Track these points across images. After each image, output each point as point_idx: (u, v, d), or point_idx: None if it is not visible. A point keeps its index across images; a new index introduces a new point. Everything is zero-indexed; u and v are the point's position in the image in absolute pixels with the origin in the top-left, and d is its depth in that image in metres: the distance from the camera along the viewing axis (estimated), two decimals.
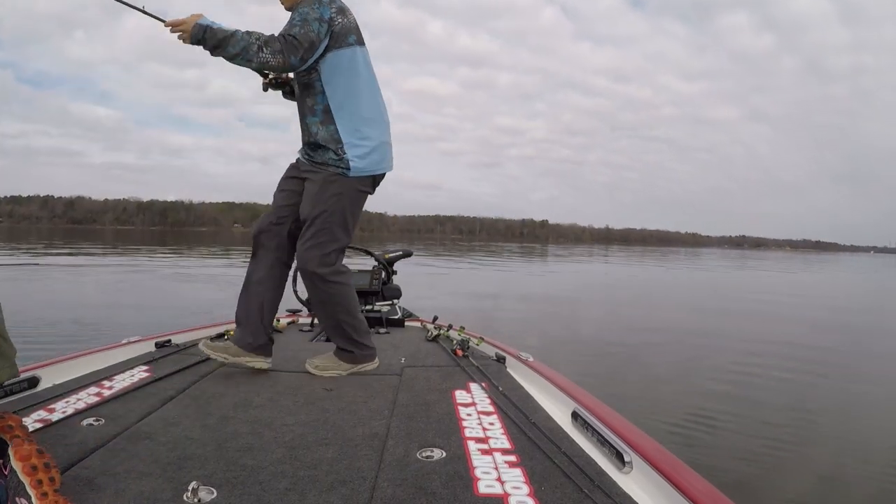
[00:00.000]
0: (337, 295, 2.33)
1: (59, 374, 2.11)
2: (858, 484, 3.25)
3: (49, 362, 2.13)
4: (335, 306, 2.34)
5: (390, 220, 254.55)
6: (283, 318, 3.58)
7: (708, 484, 1.26)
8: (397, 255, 3.78)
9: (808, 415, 4.55)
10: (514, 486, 1.30)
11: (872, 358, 7.37)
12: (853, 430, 4.20)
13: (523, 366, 2.37)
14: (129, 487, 1.26)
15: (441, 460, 1.45)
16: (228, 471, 1.37)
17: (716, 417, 4.25)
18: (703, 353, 6.94)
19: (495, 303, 11.05)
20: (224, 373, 2.27)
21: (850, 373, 6.33)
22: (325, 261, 2.28)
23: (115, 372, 2.19)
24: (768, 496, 2.99)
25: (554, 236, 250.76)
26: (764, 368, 6.14)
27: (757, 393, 5.09)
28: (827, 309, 13.56)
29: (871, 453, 3.71)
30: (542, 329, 8.14)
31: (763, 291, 17.58)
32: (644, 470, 1.37)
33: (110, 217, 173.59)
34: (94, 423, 1.65)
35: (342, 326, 2.35)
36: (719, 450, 3.57)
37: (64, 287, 11.44)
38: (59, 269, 15.52)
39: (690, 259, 46.20)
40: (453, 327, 3.13)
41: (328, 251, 2.29)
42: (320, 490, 1.28)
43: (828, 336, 8.92)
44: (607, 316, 10.24)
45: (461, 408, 1.88)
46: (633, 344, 7.31)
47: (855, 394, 5.35)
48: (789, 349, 7.34)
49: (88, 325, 6.89)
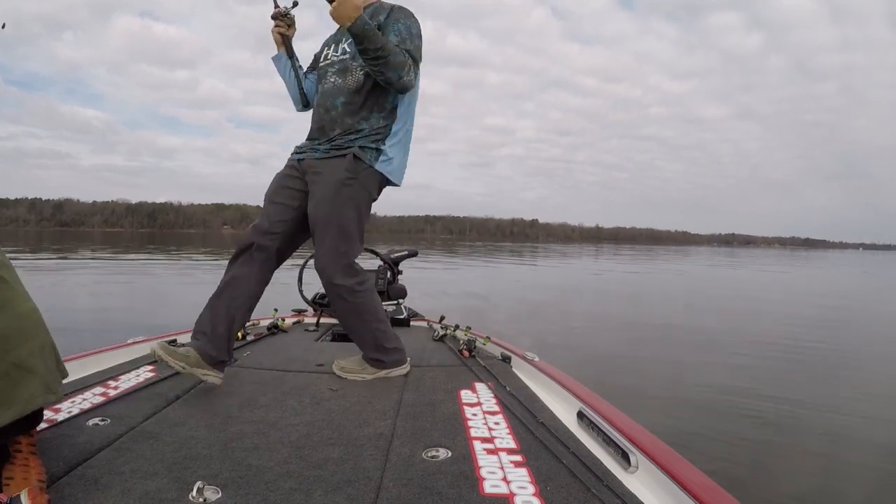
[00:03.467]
0: (365, 303, 2.25)
1: None
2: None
3: None
4: (365, 315, 2.25)
5: (380, 221, 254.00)
6: (288, 317, 3.57)
7: (714, 484, 1.27)
8: (403, 254, 3.77)
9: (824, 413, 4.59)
10: (519, 486, 1.30)
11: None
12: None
13: (529, 366, 2.37)
14: (135, 487, 1.26)
15: (446, 460, 1.45)
16: (234, 470, 1.36)
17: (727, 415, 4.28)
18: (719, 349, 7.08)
19: (485, 303, 11.06)
20: (229, 372, 2.26)
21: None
22: (350, 271, 2.19)
23: (120, 372, 2.18)
24: (771, 495, 3.00)
25: (544, 235, 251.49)
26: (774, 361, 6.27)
27: (765, 386, 5.13)
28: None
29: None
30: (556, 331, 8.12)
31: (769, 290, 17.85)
32: (650, 470, 1.38)
33: (98, 219, 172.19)
34: (100, 423, 1.64)
35: (374, 335, 2.26)
36: (722, 448, 3.59)
37: (64, 287, 11.31)
38: (59, 268, 15.39)
39: (682, 256, 46.50)
40: (460, 327, 3.13)
41: (352, 259, 2.20)
42: (326, 490, 1.28)
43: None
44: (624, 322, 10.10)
45: (467, 407, 1.89)
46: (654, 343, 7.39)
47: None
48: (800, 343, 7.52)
49: (92, 326, 6.83)
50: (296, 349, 2.77)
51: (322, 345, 2.90)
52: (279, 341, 2.98)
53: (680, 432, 3.70)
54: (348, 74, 2.20)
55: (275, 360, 2.54)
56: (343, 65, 2.23)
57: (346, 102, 2.19)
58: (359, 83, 2.18)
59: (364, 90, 2.18)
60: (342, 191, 2.15)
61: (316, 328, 3.38)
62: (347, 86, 2.20)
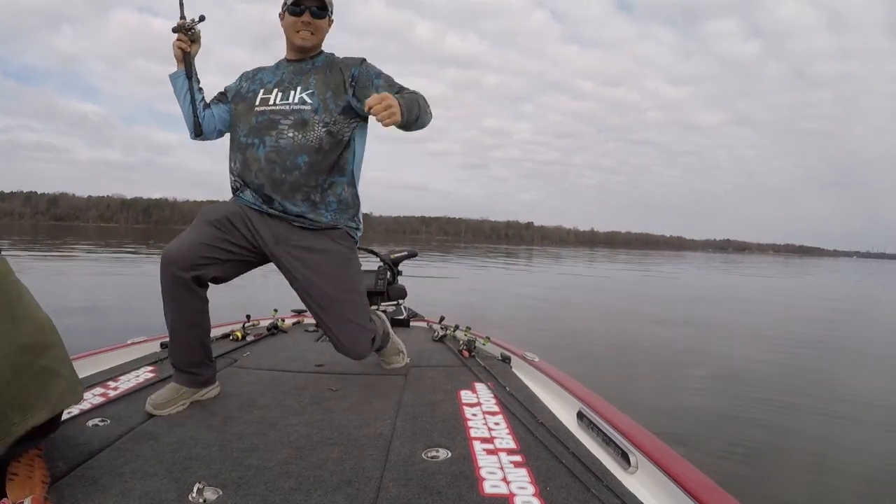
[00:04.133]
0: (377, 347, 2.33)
1: None
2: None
3: None
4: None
5: (375, 221, 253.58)
6: (288, 318, 3.56)
7: (714, 484, 1.27)
8: (403, 255, 3.76)
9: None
10: (519, 486, 1.30)
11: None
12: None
13: (529, 366, 2.38)
14: (135, 487, 1.26)
15: (446, 460, 1.45)
16: (233, 471, 1.36)
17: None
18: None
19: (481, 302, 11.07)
20: (228, 373, 2.26)
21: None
22: (372, 341, 2.18)
23: (120, 372, 2.18)
24: (771, 494, 3.02)
25: (539, 238, 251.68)
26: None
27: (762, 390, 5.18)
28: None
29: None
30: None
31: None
32: (649, 470, 1.38)
33: (94, 214, 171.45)
34: (100, 424, 1.64)
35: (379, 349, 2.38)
36: (723, 447, 3.61)
37: (62, 287, 11.24)
38: (58, 269, 15.29)
39: (686, 262, 46.62)
40: (460, 327, 3.13)
41: (371, 328, 2.16)
42: (326, 490, 1.28)
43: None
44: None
45: (466, 408, 1.89)
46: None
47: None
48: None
49: (91, 326, 6.80)
50: (295, 349, 2.77)
51: (322, 345, 2.90)
52: (279, 342, 2.97)
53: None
54: (309, 130, 1.96)
55: (274, 360, 2.53)
56: (301, 117, 1.97)
57: (311, 163, 1.97)
58: (320, 140, 1.97)
59: (325, 149, 1.98)
60: (351, 265, 2.09)
61: (316, 328, 3.37)
62: (309, 143, 1.96)
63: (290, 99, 2.00)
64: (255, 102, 2.03)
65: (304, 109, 1.98)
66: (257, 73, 2.13)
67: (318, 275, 2.00)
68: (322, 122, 1.97)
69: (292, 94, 2.01)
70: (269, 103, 2.02)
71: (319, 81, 2.02)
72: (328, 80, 2.02)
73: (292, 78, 2.05)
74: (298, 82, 2.03)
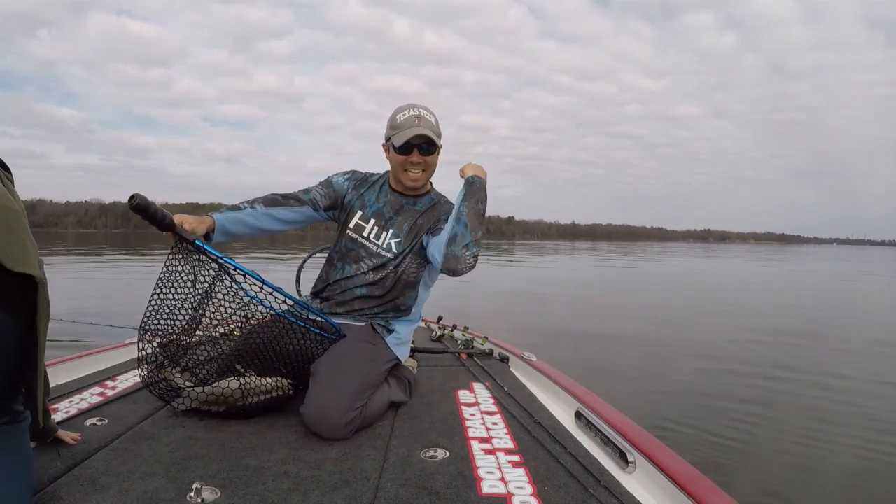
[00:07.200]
0: None
1: (62, 374, 2.09)
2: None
3: (52, 362, 2.10)
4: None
5: None
6: None
7: (712, 483, 1.28)
8: None
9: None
10: (517, 486, 1.31)
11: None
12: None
13: (527, 366, 2.38)
14: (133, 487, 1.26)
15: (444, 460, 1.46)
16: (232, 471, 1.36)
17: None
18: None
19: None
20: None
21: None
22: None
23: (118, 372, 2.18)
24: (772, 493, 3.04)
25: (520, 232, 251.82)
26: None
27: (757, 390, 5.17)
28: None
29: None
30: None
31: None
32: (647, 469, 1.39)
33: (72, 220, 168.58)
34: (98, 423, 1.64)
35: None
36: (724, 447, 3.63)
37: (63, 287, 11.08)
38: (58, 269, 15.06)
39: (666, 253, 46.88)
40: (457, 327, 3.13)
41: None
42: (324, 490, 1.28)
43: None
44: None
45: (465, 408, 1.89)
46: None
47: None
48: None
49: (91, 325, 6.72)
50: None
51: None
52: None
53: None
54: (380, 273, 2.00)
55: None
56: (381, 261, 2.01)
57: (365, 297, 2.00)
58: (385, 290, 2.00)
59: (388, 296, 2.00)
60: (370, 347, 1.92)
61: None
62: (374, 284, 1.99)
63: (380, 240, 2.04)
64: (350, 226, 2.07)
65: (387, 256, 2.01)
66: (362, 187, 2.13)
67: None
68: (393, 273, 2.00)
69: (382, 234, 2.04)
70: (365, 234, 2.05)
71: (410, 230, 2.03)
72: (422, 226, 2.03)
73: (391, 216, 2.06)
74: (393, 224, 2.05)
